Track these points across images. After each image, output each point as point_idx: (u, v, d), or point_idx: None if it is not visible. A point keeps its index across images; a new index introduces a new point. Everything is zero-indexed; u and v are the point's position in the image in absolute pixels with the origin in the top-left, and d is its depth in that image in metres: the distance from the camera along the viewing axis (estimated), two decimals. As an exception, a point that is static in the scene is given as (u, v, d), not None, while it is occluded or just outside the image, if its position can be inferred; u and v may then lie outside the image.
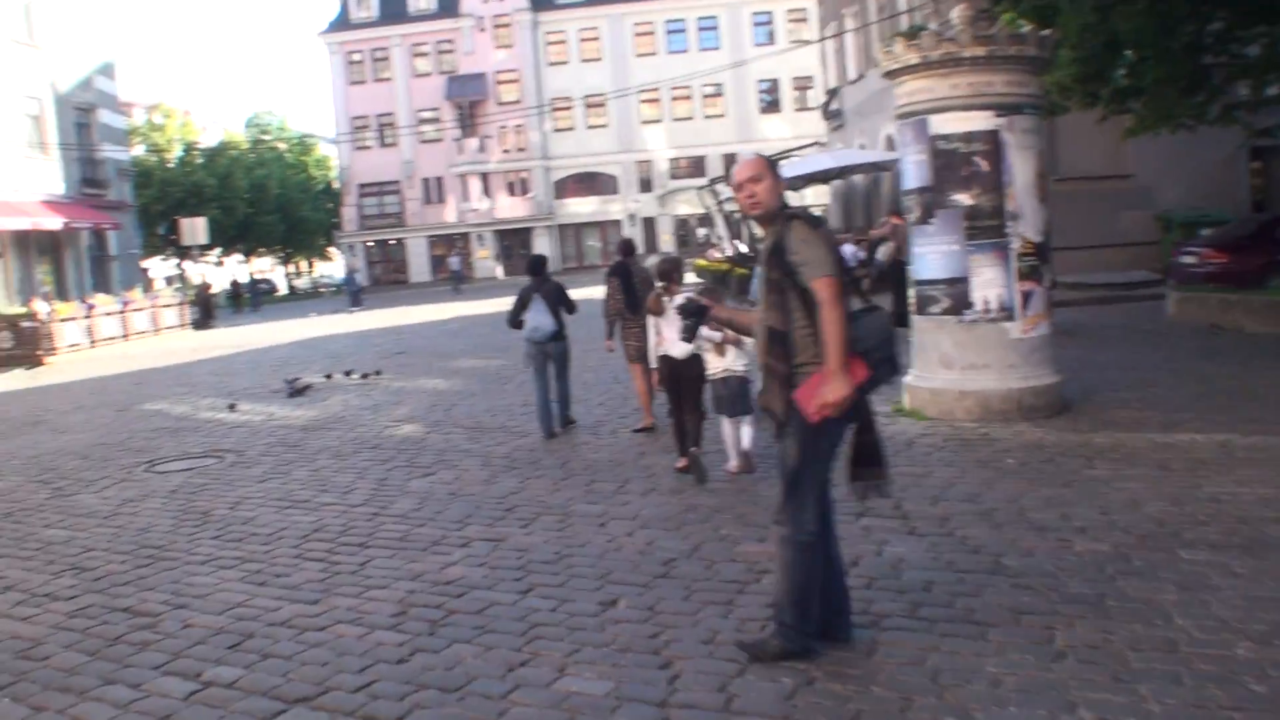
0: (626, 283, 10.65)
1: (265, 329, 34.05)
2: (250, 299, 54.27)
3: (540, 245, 60.43)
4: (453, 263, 53.47)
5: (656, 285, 8.93)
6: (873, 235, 20.70)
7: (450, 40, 61.21)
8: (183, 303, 36.18)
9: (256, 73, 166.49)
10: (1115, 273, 22.64)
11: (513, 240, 61.69)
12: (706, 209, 35.79)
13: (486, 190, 61.32)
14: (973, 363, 9.98)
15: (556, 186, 61.65)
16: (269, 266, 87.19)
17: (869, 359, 4.55)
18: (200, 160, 63.86)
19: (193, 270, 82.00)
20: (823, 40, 38.84)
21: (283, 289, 79.20)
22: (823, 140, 37.82)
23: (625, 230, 59.71)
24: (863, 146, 32.45)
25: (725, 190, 32.46)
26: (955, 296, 9.98)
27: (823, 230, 4.66)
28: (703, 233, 59.21)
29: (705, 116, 60.67)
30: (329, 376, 17.42)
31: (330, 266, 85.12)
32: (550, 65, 60.55)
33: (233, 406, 14.84)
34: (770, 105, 60.61)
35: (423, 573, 6.41)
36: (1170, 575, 5.48)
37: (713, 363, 8.44)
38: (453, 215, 61.70)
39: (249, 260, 72.67)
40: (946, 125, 9.88)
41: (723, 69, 56.50)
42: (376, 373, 17.24)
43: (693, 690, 4.52)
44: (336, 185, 67.82)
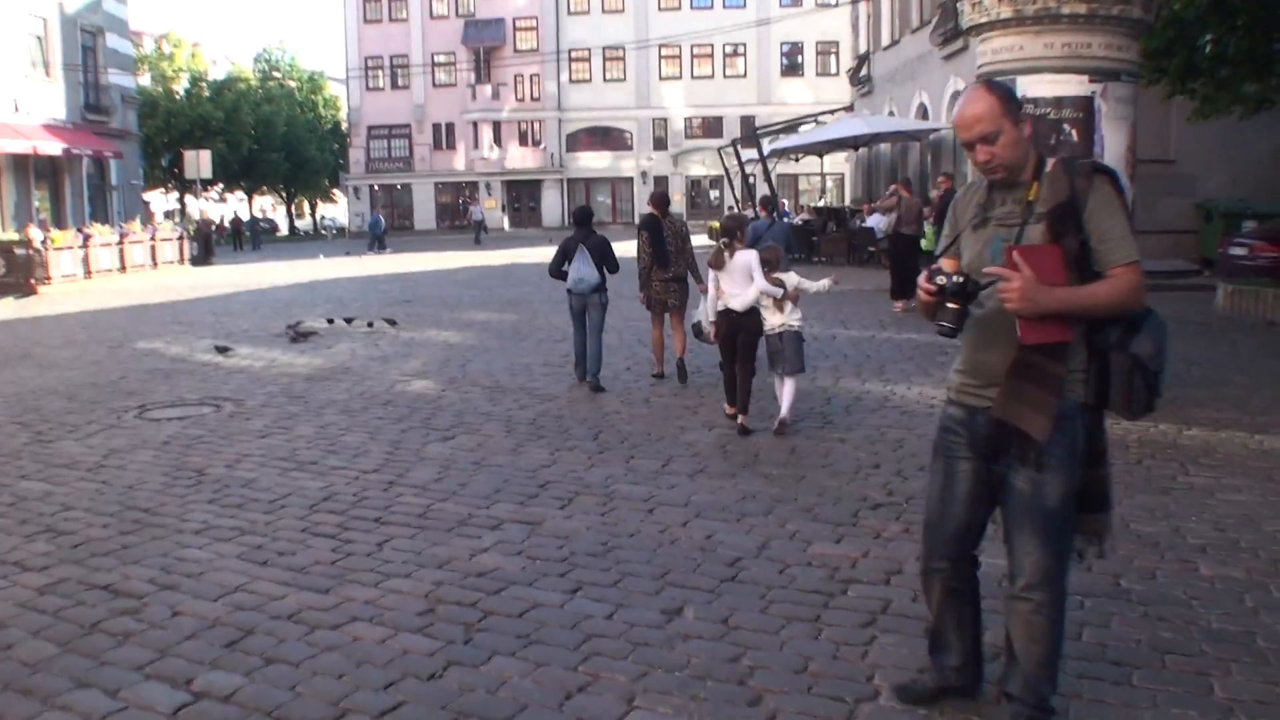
0: (656, 236, 10.69)
1: (266, 269, 33.11)
2: (251, 238, 53.14)
3: (549, 199, 59.40)
4: (475, 211, 51.43)
5: (719, 241, 8.82)
6: (880, 205, 19.74)
7: (469, -17, 59.84)
8: (182, 237, 35.16)
9: (270, 7, 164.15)
10: (1154, 261, 21.75)
11: (521, 191, 60.58)
12: (726, 170, 34.76)
13: (497, 139, 60.10)
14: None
15: (569, 139, 60.41)
16: (271, 206, 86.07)
17: (1148, 375, 3.37)
18: (208, 93, 62.60)
19: (194, 206, 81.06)
20: (855, 2, 37.68)
21: (284, 229, 78.15)
22: (848, 106, 36.72)
23: (638, 188, 58.66)
24: (892, 114, 31.42)
25: (747, 151, 31.50)
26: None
27: (1124, 195, 3.55)
28: (714, 194, 58.25)
29: (725, 76, 59.33)
30: (330, 321, 16.49)
31: (333, 209, 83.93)
32: (570, 14, 59.12)
33: (223, 350, 13.84)
34: (792, 68, 59.29)
35: (450, 560, 5.57)
36: (1332, 615, 4.68)
37: (770, 319, 8.56)
38: (462, 163, 60.51)
39: (251, 198, 71.54)
40: (1036, 88, 8.99)
41: (747, 26, 55.25)
42: (392, 322, 16.30)
43: (792, 740, 3.69)
44: (345, 126, 66.52)
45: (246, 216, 62.63)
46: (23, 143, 31.36)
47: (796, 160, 35.29)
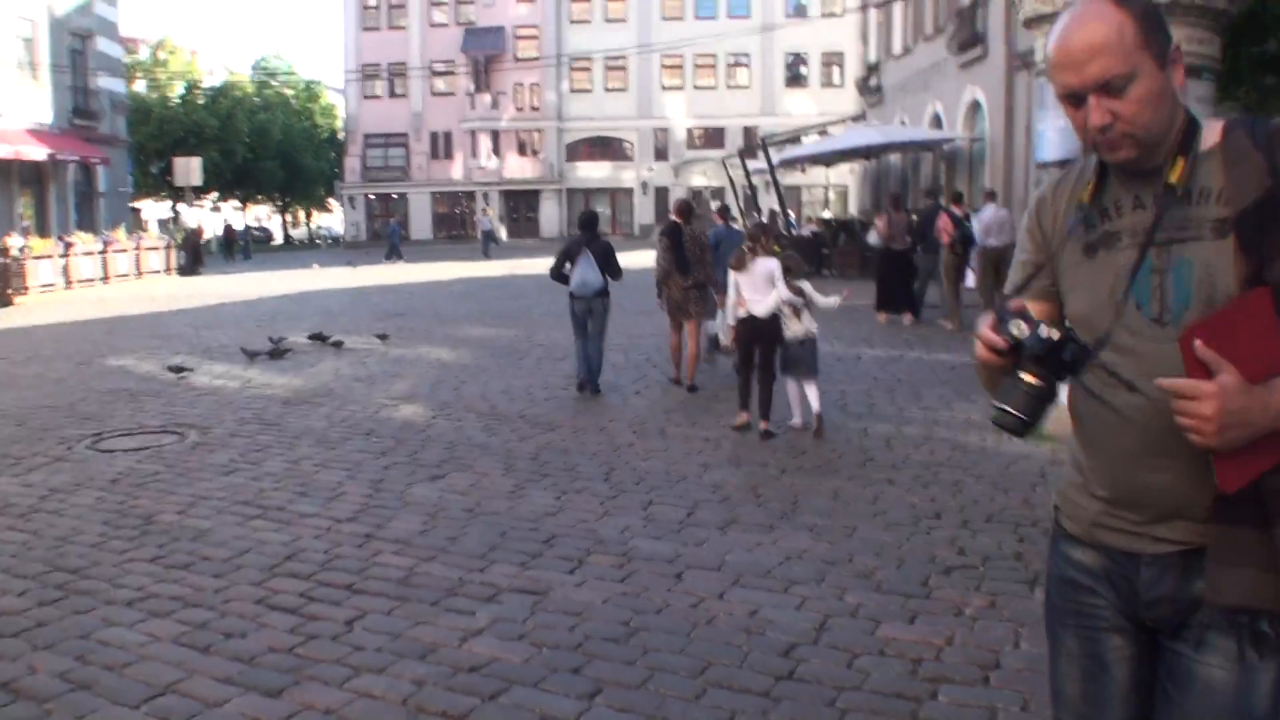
0: (676, 242, 10.81)
1: (255, 279, 31.99)
2: (243, 247, 52.03)
3: (547, 209, 58.35)
4: (484, 221, 48.57)
5: (745, 244, 8.95)
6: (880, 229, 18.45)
7: (469, -10, 58.86)
8: (169, 246, 34.06)
9: (267, 15, 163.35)
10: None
11: (519, 202, 59.53)
12: (731, 181, 33.71)
13: (496, 149, 59.07)
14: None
15: (568, 149, 59.34)
16: (266, 215, 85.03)
17: None
18: (202, 100, 61.65)
19: (189, 214, 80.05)
20: (865, 8, 36.72)
21: (279, 238, 77.10)
22: (858, 115, 35.71)
23: (638, 198, 57.67)
24: (904, 124, 30.39)
25: (754, 163, 30.47)
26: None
27: None
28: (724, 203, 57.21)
29: (728, 86, 58.32)
30: (313, 339, 15.28)
31: (329, 218, 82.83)
32: (572, 23, 58.16)
33: (179, 370, 12.55)
34: (796, 79, 58.30)
35: (436, 646, 4.49)
36: None
37: (793, 326, 8.61)
38: (459, 172, 59.44)
39: (246, 207, 70.51)
40: (1105, 82, 7.94)
41: (751, 33, 54.31)
42: (382, 336, 15.22)
43: None
44: (341, 135, 65.50)
45: (242, 225, 61.50)
46: (5, 147, 30.27)
47: (804, 171, 34.33)
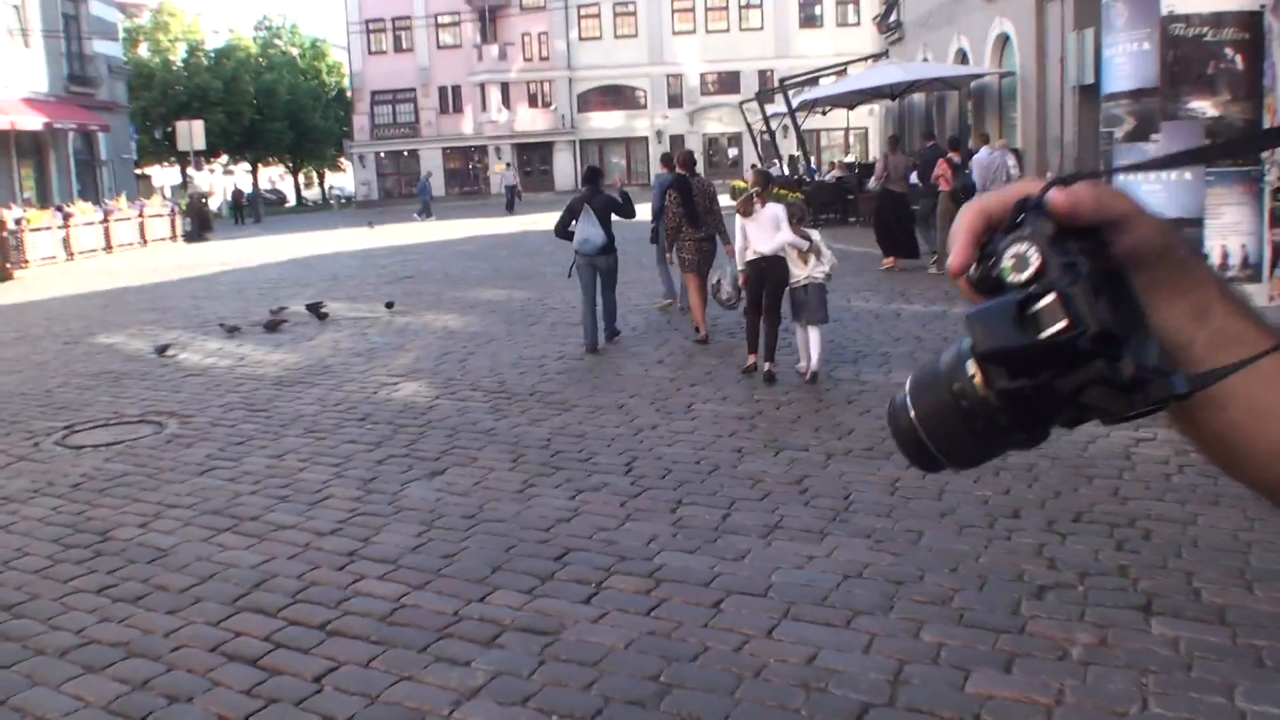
0: (685, 195, 10.54)
1: (263, 243, 31.13)
2: (252, 210, 51.11)
3: (561, 161, 57.10)
4: (507, 176, 45.53)
5: (752, 189, 8.98)
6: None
7: (472, -62, 57.31)
8: (173, 212, 33.16)
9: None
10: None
11: (532, 155, 58.27)
12: (749, 126, 32.56)
13: (506, 101, 57.73)
14: (1198, 336, 7.13)
15: (580, 100, 57.94)
16: (279, 176, 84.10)
17: None
18: (206, 63, 60.63)
19: (200, 179, 79.24)
20: (884, -58, 35.24)
21: (293, 200, 76.25)
22: (880, 53, 34.33)
23: (653, 147, 56.36)
24: (926, 61, 29.11)
25: (772, 106, 29.30)
26: (1180, 242, 7.11)
27: None
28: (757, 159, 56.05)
29: (741, 29, 56.72)
30: (314, 309, 14.10)
31: (341, 178, 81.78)
32: (578, -31, 56.68)
33: (163, 350, 11.62)
34: (810, 20, 56.64)
35: (421, 714, 3.64)
36: None
37: (797, 270, 8.61)
38: (470, 127, 58.18)
39: (256, 170, 69.58)
40: (1188, 2, 6.92)
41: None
42: (389, 304, 14.29)
43: None
44: (349, 93, 64.31)
45: (249, 188, 60.55)
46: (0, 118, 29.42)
47: (824, 114, 33.00)
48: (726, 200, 11.30)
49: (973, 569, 4.70)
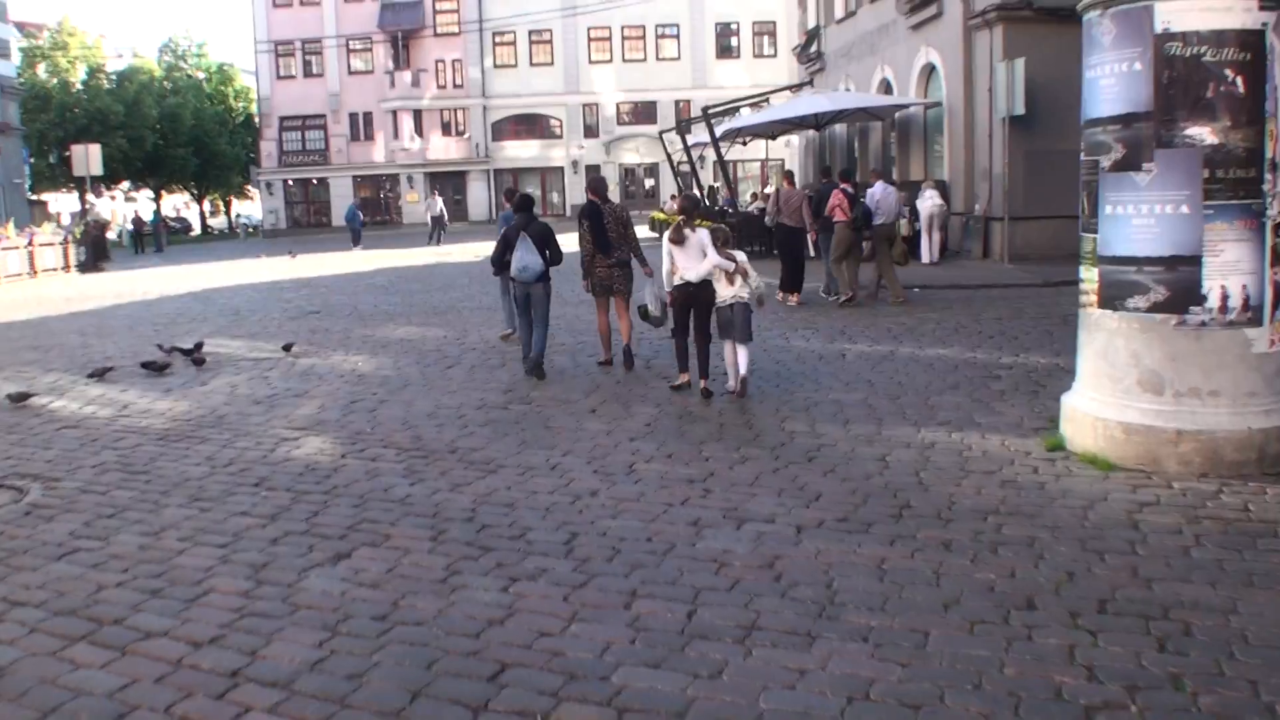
0: (597, 223, 10.61)
1: (163, 274, 29.58)
2: (154, 238, 49.11)
3: (475, 191, 56.02)
4: (433, 205, 41.54)
5: (679, 219, 9.26)
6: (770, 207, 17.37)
7: (384, -38, 56.08)
8: (66, 241, 31.40)
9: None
10: None
11: (445, 184, 57.04)
12: (669, 156, 31.88)
13: (419, 129, 56.51)
14: (1195, 387, 6.46)
15: (494, 128, 56.93)
16: (184, 204, 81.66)
17: None
18: (107, 85, 58.50)
19: (101, 206, 76.42)
20: (804, -28, 34.95)
21: (199, 228, 73.96)
22: (804, 83, 33.89)
23: (569, 177, 55.60)
24: (848, 91, 28.73)
25: (693, 135, 28.66)
26: (1175, 285, 6.43)
27: None
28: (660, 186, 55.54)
29: (658, 59, 56.30)
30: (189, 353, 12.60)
31: (249, 206, 79.60)
32: (493, -4, 55.75)
33: (19, 399, 10.33)
34: (727, 50, 56.46)
35: None
36: None
37: (722, 290, 9.00)
38: (381, 154, 56.81)
39: (160, 196, 67.33)
40: (1185, 18, 6.27)
41: (679, 1, 52.41)
42: (287, 347, 13.08)
43: None
44: (257, 119, 62.55)
45: (151, 216, 58.39)
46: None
47: (745, 144, 32.53)
48: (644, 230, 10.91)
49: (1000, 684, 3.87)
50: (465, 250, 31.49)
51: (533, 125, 57.27)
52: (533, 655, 4.24)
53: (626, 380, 10.18)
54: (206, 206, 77.07)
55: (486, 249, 13.86)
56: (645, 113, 55.51)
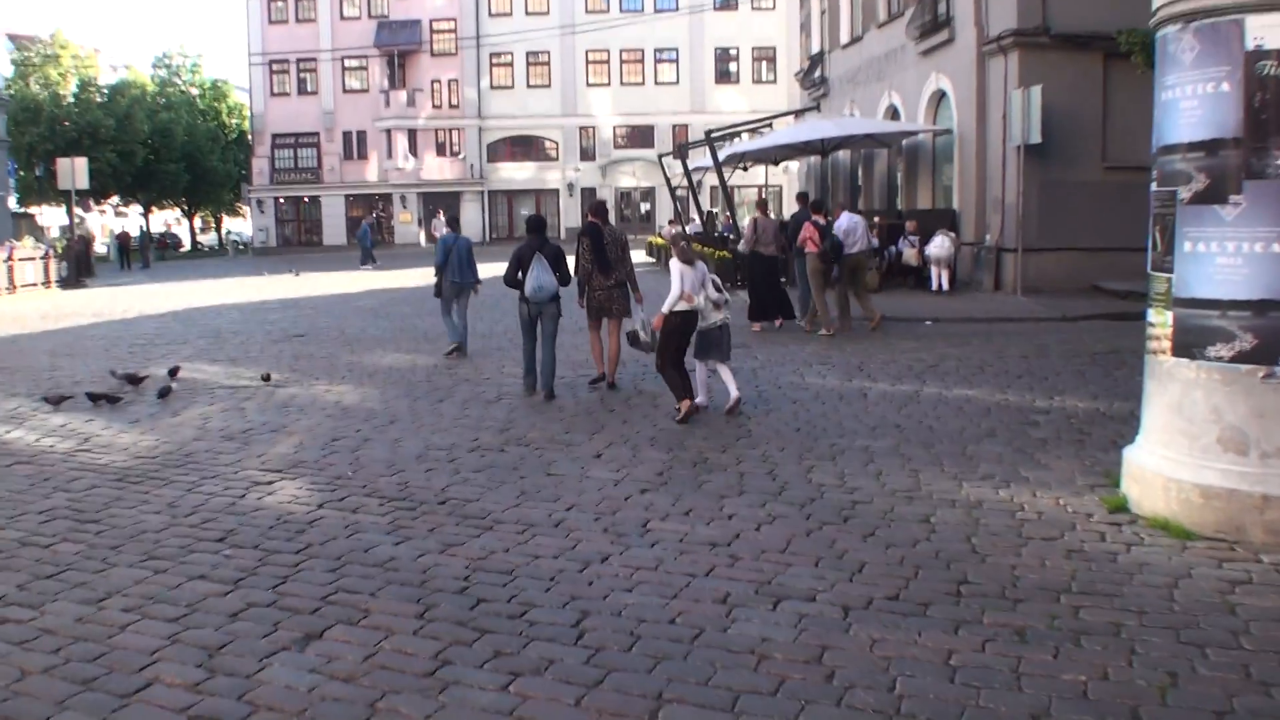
0: (597, 244, 10.69)
1: (146, 292, 28.73)
2: (141, 254, 48.23)
3: (469, 212, 55.18)
4: (439, 225, 39.24)
5: (681, 244, 9.60)
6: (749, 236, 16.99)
7: (382, -20, 55.48)
8: (48, 256, 30.52)
9: (173, 9, 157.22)
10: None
11: (439, 204, 56.22)
12: (668, 180, 31.22)
13: (413, 148, 55.81)
14: (1286, 447, 5.70)
15: (490, 149, 56.25)
16: (175, 220, 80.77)
17: None
18: (99, 99, 57.72)
19: (91, 220, 75.47)
20: (808, -5, 34.38)
21: (189, 245, 73.10)
22: (809, 108, 33.22)
23: (564, 200, 54.92)
24: (853, 117, 28.09)
25: (695, 159, 28.01)
26: (1265, 332, 5.69)
27: None
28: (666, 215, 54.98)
29: (656, 83, 55.73)
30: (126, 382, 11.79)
31: (240, 223, 78.75)
32: (492, 15, 55.04)
33: None
34: (726, 75, 55.89)
35: None
36: None
37: (711, 314, 9.35)
38: (375, 174, 56.10)
39: (149, 212, 66.43)
40: (1276, 34, 5.54)
41: (679, 26, 51.87)
42: (266, 377, 12.26)
43: None
44: (250, 136, 61.81)
45: (156, 231, 57.55)
46: None
47: (746, 169, 31.84)
48: (641, 255, 10.55)
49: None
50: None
51: (528, 147, 56.64)
52: (540, 785, 3.44)
53: (632, 418, 9.41)
54: (197, 223, 76.22)
55: (494, 270, 13.36)
56: (642, 136, 54.90)
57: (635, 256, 11.27)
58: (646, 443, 8.41)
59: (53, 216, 67.08)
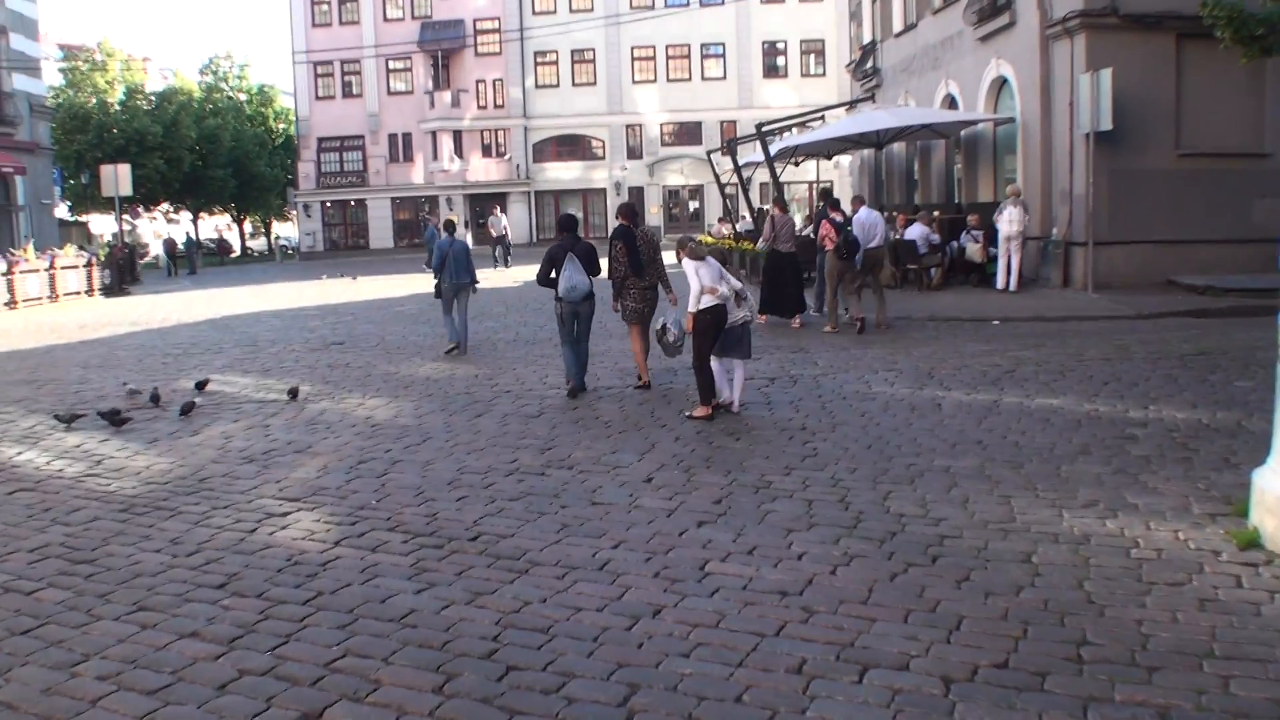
0: (630, 245, 10.60)
1: (189, 299, 28.35)
2: (187, 260, 48.15)
3: (516, 212, 54.63)
4: (497, 223, 38.76)
5: (690, 242, 9.69)
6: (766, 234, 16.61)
7: (425, -19, 55.07)
8: (90, 264, 30.25)
9: (221, 17, 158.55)
10: (1248, 277, 17.41)
11: (485, 205, 55.72)
12: (717, 177, 30.37)
13: (459, 150, 55.33)
14: None
15: (536, 149, 55.65)
16: (226, 225, 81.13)
17: None
18: (146, 106, 57.84)
19: (146, 228, 75.94)
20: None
21: (239, 250, 73.34)
22: (863, 99, 32.20)
23: (611, 199, 54.20)
24: (912, 107, 27.07)
25: (744, 155, 27.13)
26: None
27: None
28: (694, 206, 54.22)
29: (703, 79, 54.82)
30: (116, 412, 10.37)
31: (288, 228, 78.94)
32: (535, 14, 54.42)
33: None
34: (774, 69, 54.87)
35: None
36: None
37: (735, 311, 9.39)
38: (420, 176, 55.70)
39: (197, 218, 66.62)
40: None
41: (725, 21, 50.93)
42: (293, 393, 11.64)
43: None
44: (296, 140, 61.72)
45: (208, 237, 57.62)
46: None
47: (798, 164, 30.87)
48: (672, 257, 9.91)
49: None
50: (500, 275, 30.09)
51: (575, 146, 55.97)
52: None
53: (685, 434, 8.62)
54: (248, 228, 76.44)
55: (530, 273, 12.83)
56: (690, 134, 54.03)
57: (668, 258, 10.86)
58: (702, 464, 7.62)
59: (104, 224, 67.53)
